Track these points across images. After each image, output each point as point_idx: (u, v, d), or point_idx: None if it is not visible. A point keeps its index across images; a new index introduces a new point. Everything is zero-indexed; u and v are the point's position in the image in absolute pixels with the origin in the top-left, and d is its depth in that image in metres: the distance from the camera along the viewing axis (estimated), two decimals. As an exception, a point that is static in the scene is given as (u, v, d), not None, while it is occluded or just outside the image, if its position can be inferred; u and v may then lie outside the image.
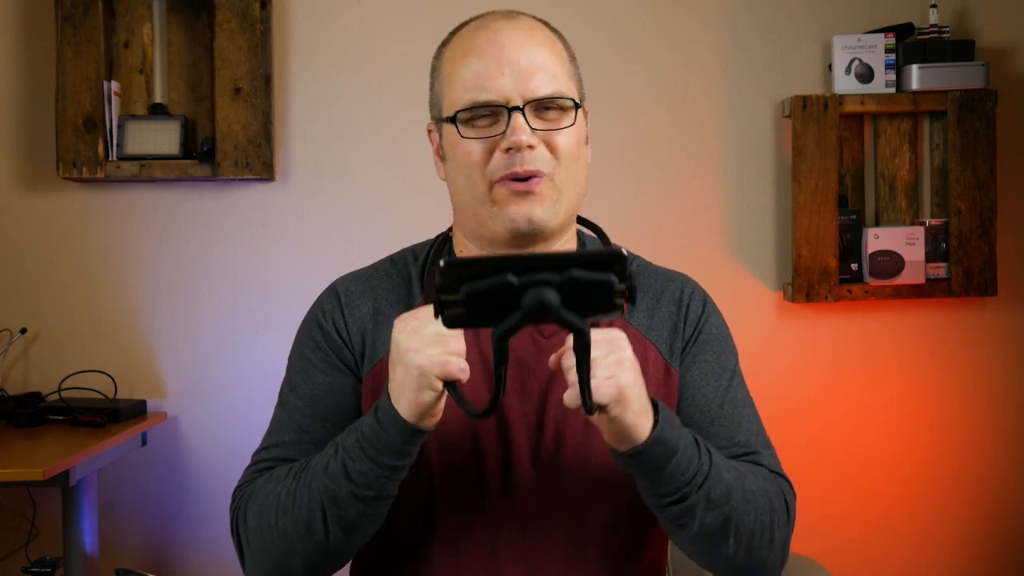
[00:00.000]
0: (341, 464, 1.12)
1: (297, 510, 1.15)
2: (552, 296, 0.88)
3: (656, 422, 1.08)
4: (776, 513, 1.21)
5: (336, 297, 1.31)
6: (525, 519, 1.22)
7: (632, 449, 1.07)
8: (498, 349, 0.93)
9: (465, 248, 1.30)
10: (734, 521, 1.15)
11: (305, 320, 1.33)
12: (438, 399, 1.07)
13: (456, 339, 1.04)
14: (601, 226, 1.37)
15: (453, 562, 1.23)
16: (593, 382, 1.00)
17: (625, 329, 1.27)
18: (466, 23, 1.28)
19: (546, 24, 1.29)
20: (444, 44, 1.29)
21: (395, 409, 1.08)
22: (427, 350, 1.04)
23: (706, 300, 1.34)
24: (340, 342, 1.28)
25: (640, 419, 1.06)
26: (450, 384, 1.05)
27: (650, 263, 1.37)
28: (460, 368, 1.04)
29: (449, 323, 0.92)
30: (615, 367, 1.04)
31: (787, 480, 1.29)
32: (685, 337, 1.30)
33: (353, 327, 1.28)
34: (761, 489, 1.20)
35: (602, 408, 1.03)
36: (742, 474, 1.18)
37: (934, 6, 2.52)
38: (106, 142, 2.50)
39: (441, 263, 0.88)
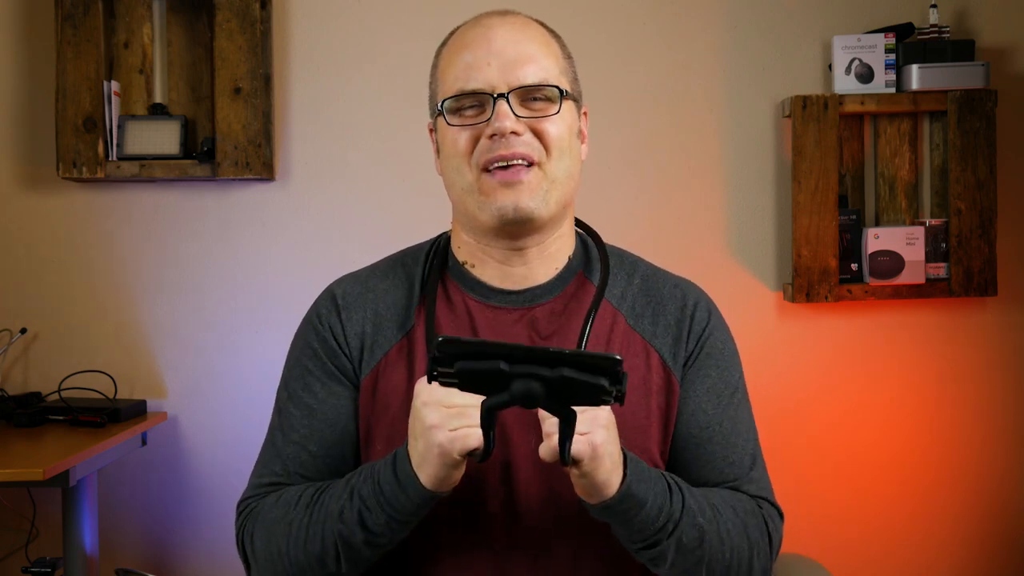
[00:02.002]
0: (357, 513, 1.14)
1: (310, 545, 1.17)
2: (539, 389, 0.94)
3: (625, 476, 1.10)
4: (756, 547, 1.23)
5: (333, 301, 1.31)
6: (524, 514, 1.22)
7: (601, 503, 1.10)
8: (486, 418, 0.99)
9: (463, 243, 1.30)
10: (707, 562, 1.17)
11: (302, 325, 1.33)
12: (458, 470, 1.09)
13: (476, 410, 1.04)
14: (601, 225, 1.37)
15: (453, 561, 1.23)
16: None
17: (630, 336, 1.28)
18: (464, 23, 1.30)
19: (542, 23, 1.30)
20: (443, 44, 1.31)
21: (416, 476, 1.09)
22: (448, 427, 1.05)
23: (711, 311, 1.33)
24: (337, 349, 1.28)
25: (611, 476, 1.09)
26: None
27: (658, 268, 1.37)
28: (479, 440, 1.05)
29: (442, 385, 1.00)
30: (590, 424, 1.06)
31: (773, 505, 1.30)
32: (688, 348, 1.29)
33: (351, 331, 1.28)
34: (740, 526, 1.21)
35: (576, 463, 1.05)
36: (719, 513, 1.19)
37: (934, 6, 2.52)
38: (106, 142, 2.50)
39: (439, 338, 0.94)
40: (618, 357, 0.95)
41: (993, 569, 2.63)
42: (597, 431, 1.06)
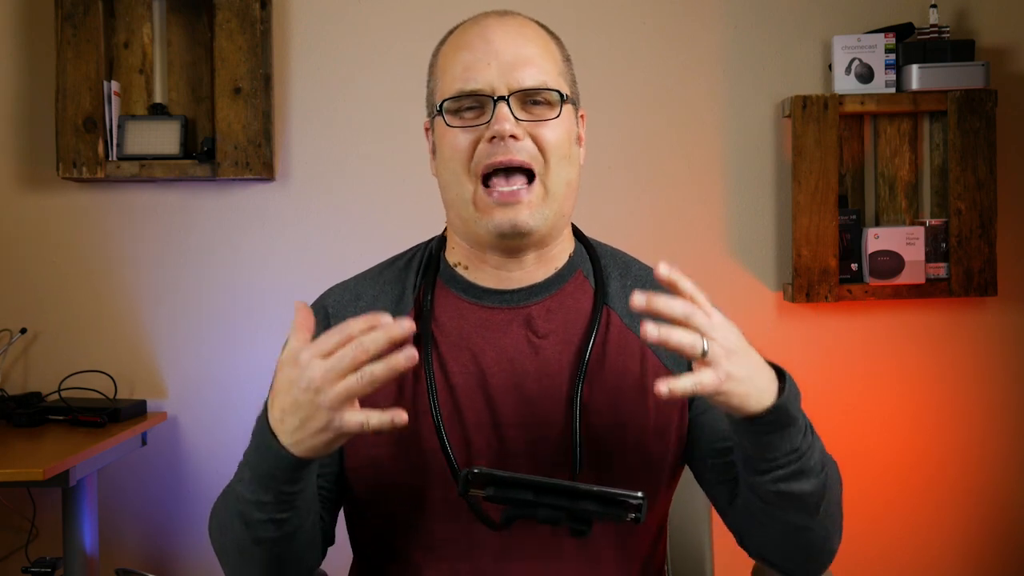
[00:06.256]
0: (243, 497, 1.12)
1: (228, 530, 1.16)
2: (563, 517, 1.03)
3: (782, 390, 1.08)
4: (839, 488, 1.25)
5: (323, 314, 1.31)
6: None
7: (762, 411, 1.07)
8: (506, 521, 1.06)
9: (457, 247, 1.30)
10: (826, 496, 1.20)
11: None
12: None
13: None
14: (602, 225, 1.36)
15: (453, 565, 1.23)
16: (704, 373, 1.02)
17: (625, 335, 1.27)
18: (462, 23, 1.30)
19: (541, 25, 1.30)
20: (441, 43, 1.30)
21: (289, 451, 1.06)
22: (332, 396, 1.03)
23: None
24: None
25: (764, 395, 1.07)
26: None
27: (651, 268, 1.36)
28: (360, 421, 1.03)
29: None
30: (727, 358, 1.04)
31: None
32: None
33: None
34: (832, 463, 1.24)
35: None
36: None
37: (934, 6, 2.52)
38: (106, 142, 2.50)
39: (475, 470, 1.02)
40: (640, 495, 1.00)
41: (994, 569, 2.63)
42: (730, 364, 1.03)
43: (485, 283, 1.28)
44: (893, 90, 2.51)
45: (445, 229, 1.34)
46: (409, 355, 1.00)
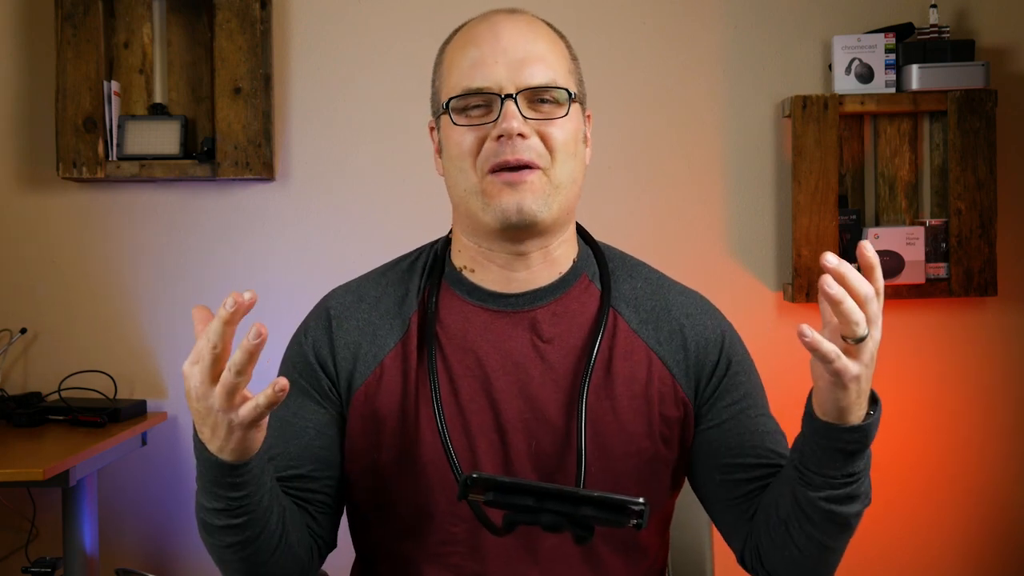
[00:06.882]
0: (201, 505, 1.12)
1: (204, 539, 1.16)
2: (564, 523, 1.03)
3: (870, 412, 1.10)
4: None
5: (326, 315, 1.30)
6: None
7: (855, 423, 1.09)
8: (507, 527, 1.05)
9: (463, 247, 1.28)
10: (857, 520, 1.19)
11: (293, 336, 1.32)
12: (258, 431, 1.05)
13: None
14: (602, 225, 1.36)
15: (458, 569, 1.23)
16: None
17: (631, 340, 1.26)
18: (470, 20, 1.28)
19: (549, 24, 1.29)
20: (447, 41, 1.29)
21: (219, 458, 1.06)
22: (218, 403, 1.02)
23: (722, 324, 1.32)
24: (317, 367, 1.27)
25: (860, 411, 1.09)
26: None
27: (662, 274, 1.35)
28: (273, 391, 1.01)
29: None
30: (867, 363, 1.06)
31: None
32: (711, 367, 1.28)
33: (342, 343, 1.27)
34: None
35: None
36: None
37: (934, 6, 2.52)
38: (106, 142, 2.50)
39: (474, 475, 1.01)
40: (641, 501, 0.99)
41: (994, 569, 2.63)
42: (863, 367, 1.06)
43: (490, 286, 1.27)
44: (893, 90, 2.51)
45: (450, 232, 1.33)
46: (257, 330, 0.97)
